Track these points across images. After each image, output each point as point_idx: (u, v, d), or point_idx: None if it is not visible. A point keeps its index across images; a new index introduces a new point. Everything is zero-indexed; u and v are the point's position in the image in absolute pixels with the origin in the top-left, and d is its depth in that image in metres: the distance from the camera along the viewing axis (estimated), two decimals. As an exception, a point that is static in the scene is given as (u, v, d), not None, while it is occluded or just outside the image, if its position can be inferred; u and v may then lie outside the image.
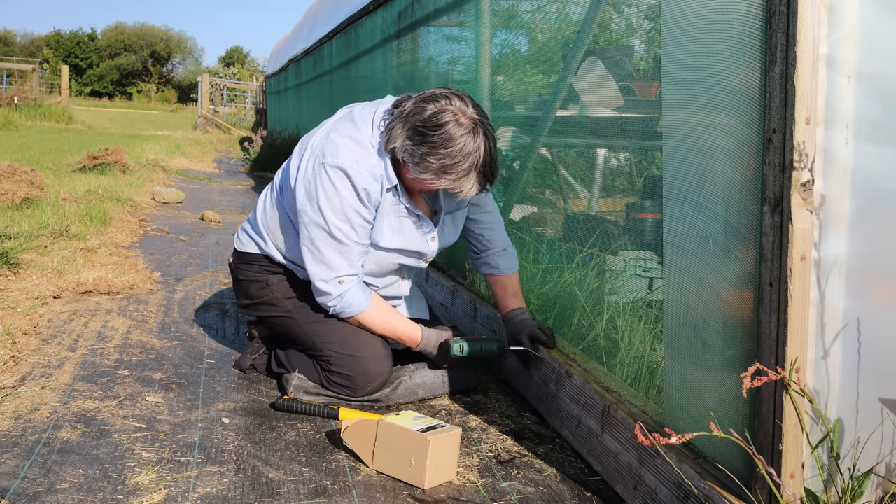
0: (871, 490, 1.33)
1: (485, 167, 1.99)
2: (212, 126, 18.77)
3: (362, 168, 2.04)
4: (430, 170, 1.98)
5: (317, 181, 2.06)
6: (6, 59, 30.75)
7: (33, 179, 5.31)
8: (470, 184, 2.00)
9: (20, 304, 2.97)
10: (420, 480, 1.73)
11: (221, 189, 8.24)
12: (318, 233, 2.08)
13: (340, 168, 2.03)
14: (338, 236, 2.08)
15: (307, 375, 2.24)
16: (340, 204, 2.05)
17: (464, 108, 1.96)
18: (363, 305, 2.16)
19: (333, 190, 2.04)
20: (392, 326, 2.22)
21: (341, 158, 2.04)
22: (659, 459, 1.55)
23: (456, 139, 1.93)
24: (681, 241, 1.50)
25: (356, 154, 2.05)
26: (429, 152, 1.96)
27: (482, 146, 1.96)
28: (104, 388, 2.25)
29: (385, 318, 2.21)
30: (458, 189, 2.02)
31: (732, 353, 1.39)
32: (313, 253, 2.11)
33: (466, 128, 1.95)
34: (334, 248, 2.09)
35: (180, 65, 72.73)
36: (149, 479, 1.69)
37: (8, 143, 11.08)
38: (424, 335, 2.24)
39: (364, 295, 2.17)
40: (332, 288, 2.13)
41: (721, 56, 1.35)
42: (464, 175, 1.98)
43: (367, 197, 2.06)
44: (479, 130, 1.96)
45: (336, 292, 2.13)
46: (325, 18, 7.01)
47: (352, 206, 2.05)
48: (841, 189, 1.26)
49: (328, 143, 2.08)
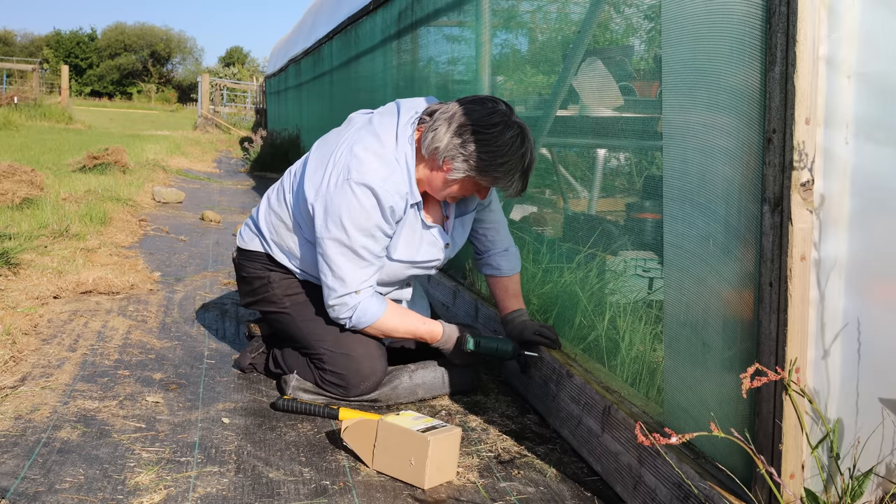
0: (871, 490, 1.33)
1: (530, 167, 2.07)
2: (212, 126, 18.77)
3: (389, 186, 2.03)
4: (478, 167, 2.03)
5: (342, 198, 2.03)
6: (6, 59, 30.75)
7: (33, 179, 5.31)
8: (515, 182, 2.07)
9: (20, 304, 2.97)
10: (420, 480, 1.73)
11: (221, 189, 8.24)
12: (340, 249, 2.07)
13: (368, 186, 2.01)
14: (361, 254, 2.07)
15: (303, 375, 2.25)
16: (366, 221, 2.03)
17: (510, 113, 2.05)
18: (378, 313, 2.15)
19: (359, 208, 2.02)
20: (411, 327, 2.21)
21: (369, 176, 2.02)
22: (659, 459, 1.55)
23: (507, 137, 2.01)
24: (681, 241, 1.50)
25: (382, 172, 2.04)
26: (481, 149, 2.01)
27: (529, 148, 2.05)
28: (104, 388, 2.25)
29: (402, 321, 2.20)
30: (504, 187, 2.08)
31: (732, 353, 1.39)
32: (332, 269, 2.09)
33: (516, 129, 2.03)
34: (356, 262, 2.08)
35: (180, 65, 72.77)
36: (149, 480, 1.69)
37: (8, 143, 11.08)
38: (446, 331, 2.22)
39: (377, 302, 2.16)
40: (349, 300, 2.11)
41: (721, 56, 1.35)
42: (511, 172, 2.04)
43: (391, 214, 2.06)
44: (527, 133, 2.06)
45: (352, 303, 2.12)
46: (325, 18, 7.02)
47: (377, 225, 2.05)
48: (841, 189, 1.26)
49: (353, 160, 2.05)
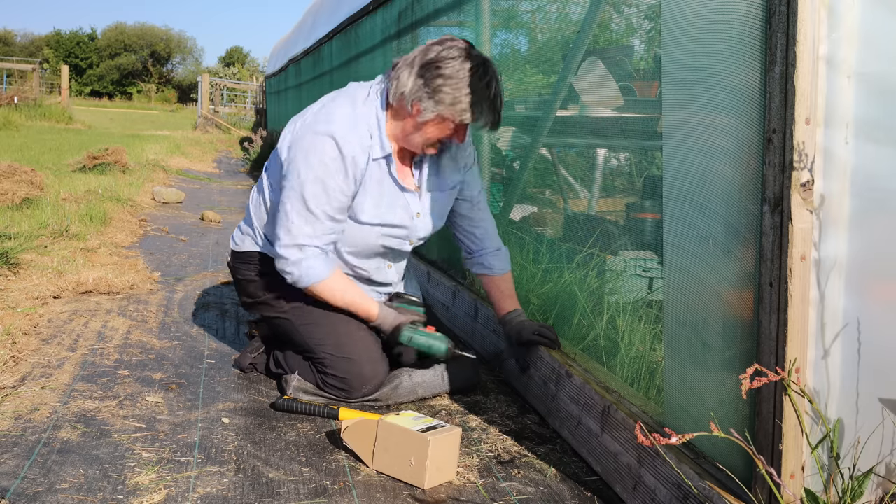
0: (871, 490, 1.33)
1: (497, 98, 2.05)
2: (212, 126, 18.76)
3: (351, 137, 2.07)
4: (445, 101, 2.02)
5: (303, 146, 2.08)
6: (6, 59, 30.73)
7: (33, 179, 5.31)
8: (485, 113, 2.05)
9: (20, 304, 2.97)
10: (420, 480, 1.73)
11: (221, 189, 8.24)
12: (292, 196, 2.09)
13: (330, 136, 2.06)
14: (310, 204, 2.08)
15: (304, 377, 2.24)
16: (321, 170, 2.06)
17: (470, 48, 2.06)
18: (323, 274, 2.14)
19: (316, 157, 2.06)
20: (349, 298, 2.20)
21: (332, 126, 2.07)
22: (658, 460, 1.55)
23: (469, 68, 2.01)
24: (681, 241, 1.50)
25: (347, 124, 2.09)
26: (443, 83, 2.01)
27: (494, 77, 2.04)
28: (104, 388, 2.25)
29: (343, 288, 2.19)
30: (474, 120, 2.06)
31: (732, 352, 1.39)
32: (281, 219, 2.12)
33: (477, 59, 2.03)
34: (303, 215, 2.09)
35: (180, 65, 72.77)
36: (149, 479, 1.69)
37: (8, 143, 11.08)
38: (381, 313, 2.22)
39: (325, 266, 2.15)
40: (291, 253, 2.11)
41: (721, 56, 1.35)
42: (478, 103, 2.03)
43: (352, 166, 2.08)
44: (489, 64, 2.06)
45: (293, 257, 2.11)
46: (325, 18, 7.01)
47: (331, 175, 2.06)
48: (841, 189, 1.26)
49: (321, 113, 2.12)
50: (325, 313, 2.23)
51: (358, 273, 2.29)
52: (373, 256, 2.27)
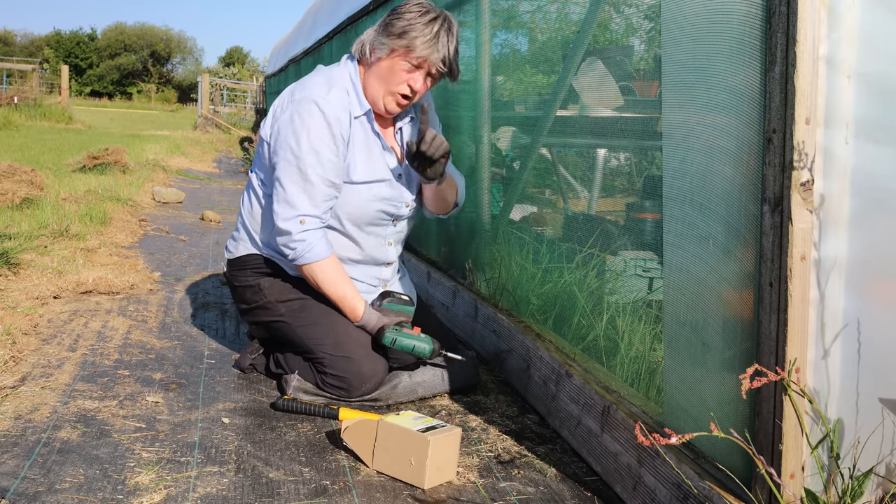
0: (871, 490, 1.33)
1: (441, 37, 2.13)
2: (212, 126, 18.76)
3: (332, 98, 2.16)
4: (392, 34, 2.14)
5: (288, 118, 2.15)
6: (6, 59, 30.74)
7: (33, 179, 5.31)
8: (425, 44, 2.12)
9: (20, 304, 2.97)
10: (420, 480, 1.73)
11: (221, 189, 8.24)
12: (286, 169, 2.14)
13: (311, 100, 2.14)
14: (305, 170, 2.12)
15: (304, 377, 2.24)
16: (308, 135, 2.12)
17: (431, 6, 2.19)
18: (323, 253, 2.16)
19: (301, 122, 2.13)
20: (342, 290, 2.20)
21: (310, 93, 2.16)
22: (658, 460, 1.55)
23: (416, 8, 2.15)
24: (681, 241, 1.50)
25: (324, 88, 2.18)
26: (394, 18, 2.16)
27: (441, 18, 2.15)
28: (104, 388, 2.25)
29: (337, 278, 2.20)
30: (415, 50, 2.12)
31: (732, 353, 1.39)
32: (278, 192, 2.15)
33: (430, 7, 2.18)
34: (299, 184, 2.13)
35: (180, 65, 72.79)
36: (149, 479, 1.69)
37: (8, 143, 11.08)
38: (366, 313, 2.22)
39: (326, 246, 2.18)
40: (293, 226, 2.13)
41: (721, 56, 1.34)
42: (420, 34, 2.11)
43: (338, 126, 2.14)
44: (442, 13, 2.17)
45: (296, 231, 2.13)
46: (325, 18, 7.01)
47: (320, 138, 2.12)
48: (841, 189, 1.26)
49: (298, 86, 2.23)
50: (323, 313, 2.23)
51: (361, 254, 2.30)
52: (372, 225, 2.28)
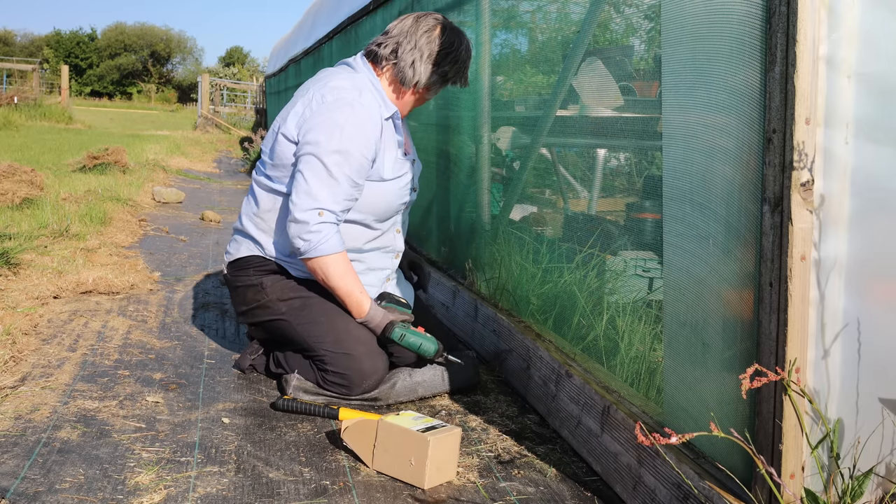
0: (871, 490, 1.33)
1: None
2: (212, 126, 18.76)
3: (365, 101, 2.19)
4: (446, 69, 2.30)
5: (320, 116, 2.16)
6: (6, 59, 30.74)
7: (33, 179, 5.31)
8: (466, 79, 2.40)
9: (20, 304, 2.97)
10: (420, 480, 1.73)
11: (221, 189, 8.24)
12: (312, 163, 2.14)
13: (347, 102, 2.17)
14: (331, 167, 2.13)
15: (305, 376, 2.24)
16: (341, 135, 2.14)
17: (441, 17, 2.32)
18: (336, 247, 2.16)
19: (335, 122, 2.15)
20: (350, 284, 2.19)
21: (345, 93, 2.20)
22: (658, 460, 1.55)
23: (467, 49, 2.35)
24: (681, 241, 1.50)
25: (356, 92, 2.21)
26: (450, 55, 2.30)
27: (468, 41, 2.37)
28: (104, 388, 2.25)
29: (346, 272, 2.19)
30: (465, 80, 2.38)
31: (732, 352, 1.39)
32: (299, 185, 2.15)
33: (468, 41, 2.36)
34: (324, 180, 2.13)
35: (180, 65, 72.79)
36: (149, 479, 1.69)
37: (8, 143, 11.08)
38: (372, 308, 2.23)
39: (339, 241, 2.18)
40: (311, 217, 2.12)
41: (721, 56, 1.34)
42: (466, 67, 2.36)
43: (372, 128, 2.18)
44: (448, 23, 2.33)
45: (314, 221, 2.12)
46: (325, 18, 7.01)
47: (352, 139, 2.14)
48: (841, 189, 1.26)
49: (327, 90, 2.22)
50: (324, 311, 2.23)
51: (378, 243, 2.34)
52: (389, 217, 2.35)
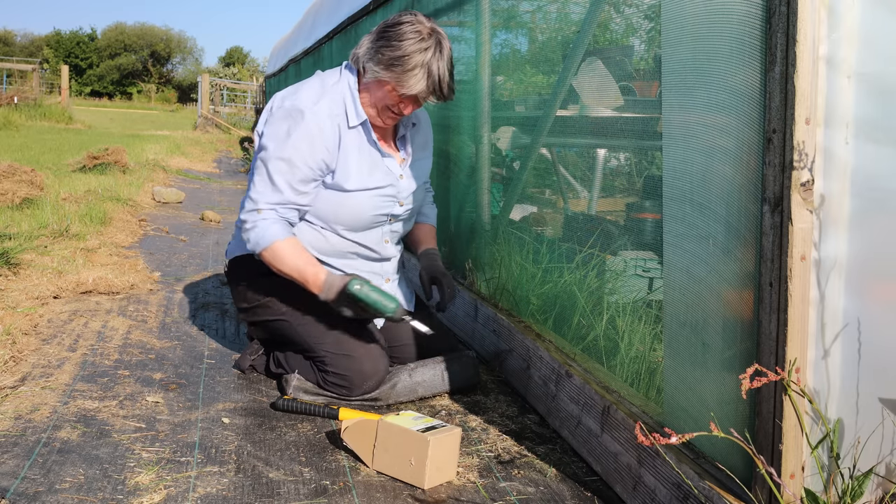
0: (871, 490, 1.33)
1: (432, 70, 2.10)
2: (212, 126, 18.75)
3: (319, 108, 2.15)
4: (382, 62, 2.10)
5: (273, 122, 2.16)
6: (6, 59, 30.74)
7: (33, 179, 5.31)
8: (415, 82, 2.10)
9: (20, 304, 2.97)
10: (420, 480, 1.73)
11: (221, 189, 8.24)
12: (259, 167, 2.16)
13: (298, 109, 2.13)
14: (275, 178, 2.13)
15: (305, 376, 2.25)
16: (286, 142, 2.12)
17: (424, 20, 2.13)
18: (277, 235, 2.12)
19: (283, 128, 2.12)
20: (299, 263, 2.14)
21: (300, 101, 2.16)
22: (658, 460, 1.55)
23: (409, 35, 2.08)
24: (681, 241, 1.50)
25: (314, 96, 2.17)
26: (385, 45, 2.10)
27: (433, 48, 2.10)
28: (104, 388, 2.25)
29: (295, 256, 2.14)
30: (403, 86, 2.10)
31: (732, 353, 1.39)
32: (248, 188, 2.18)
33: (423, 32, 2.10)
34: (266, 185, 2.14)
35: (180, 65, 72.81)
36: (149, 479, 1.69)
37: (8, 143, 11.08)
38: (328, 280, 2.14)
39: (283, 229, 2.14)
40: (250, 216, 2.14)
41: (721, 56, 1.34)
42: (410, 70, 2.08)
43: (320, 137, 2.13)
44: (434, 36, 2.11)
45: (251, 219, 2.13)
46: (325, 18, 7.01)
47: (296, 146, 2.11)
48: (841, 189, 1.26)
49: (290, 92, 2.21)
50: (324, 312, 2.22)
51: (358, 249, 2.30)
52: (370, 228, 2.29)
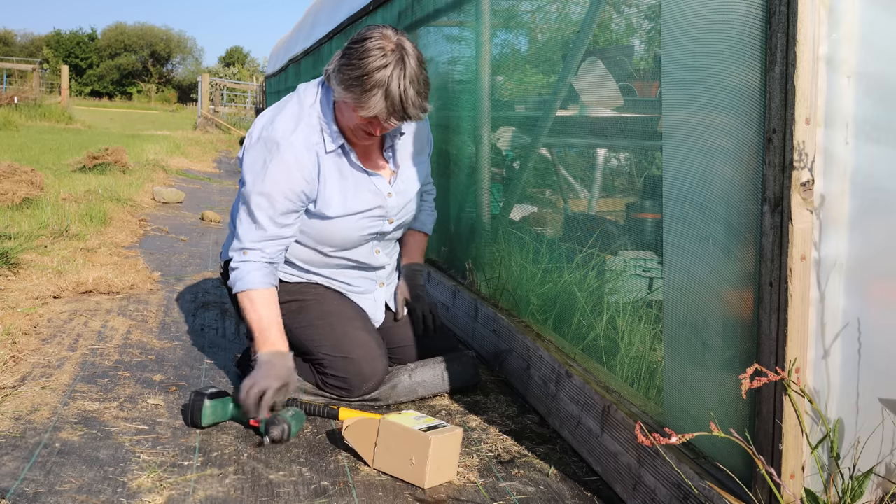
0: (871, 490, 1.33)
1: (392, 90, 1.94)
2: (212, 126, 18.75)
3: (295, 138, 2.07)
4: (343, 82, 1.97)
5: (251, 155, 2.10)
6: (6, 59, 30.76)
7: (33, 179, 5.30)
8: (374, 103, 1.95)
9: (20, 304, 2.97)
10: (420, 480, 1.73)
11: (221, 189, 8.23)
12: (241, 205, 2.13)
13: (273, 139, 2.07)
14: (256, 214, 2.08)
15: (304, 377, 2.24)
16: (264, 177, 2.06)
17: (391, 34, 1.97)
18: (253, 284, 2.06)
19: (260, 163, 2.07)
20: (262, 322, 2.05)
21: (275, 131, 2.07)
22: (658, 459, 1.55)
23: (371, 52, 1.93)
24: (681, 241, 1.50)
25: (289, 126, 2.09)
26: (346, 63, 1.97)
27: (393, 65, 1.93)
28: (104, 389, 2.25)
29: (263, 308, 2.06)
30: (363, 107, 1.96)
31: (732, 352, 1.39)
32: (237, 221, 2.14)
33: (386, 48, 1.94)
34: (250, 222, 2.10)
35: (180, 65, 72.83)
36: (150, 482, 1.69)
37: (8, 143, 11.08)
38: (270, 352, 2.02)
39: (262, 276, 2.08)
40: (237, 255, 2.12)
41: (721, 56, 1.34)
42: (369, 91, 1.93)
43: (298, 169, 2.07)
44: (397, 52, 1.94)
45: (237, 259, 2.11)
46: (325, 18, 7.02)
47: (274, 181, 2.05)
48: (841, 189, 1.26)
49: (268, 122, 2.11)
50: (321, 315, 2.23)
51: (349, 263, 2.28)
52: (359, 245, 2.26)
